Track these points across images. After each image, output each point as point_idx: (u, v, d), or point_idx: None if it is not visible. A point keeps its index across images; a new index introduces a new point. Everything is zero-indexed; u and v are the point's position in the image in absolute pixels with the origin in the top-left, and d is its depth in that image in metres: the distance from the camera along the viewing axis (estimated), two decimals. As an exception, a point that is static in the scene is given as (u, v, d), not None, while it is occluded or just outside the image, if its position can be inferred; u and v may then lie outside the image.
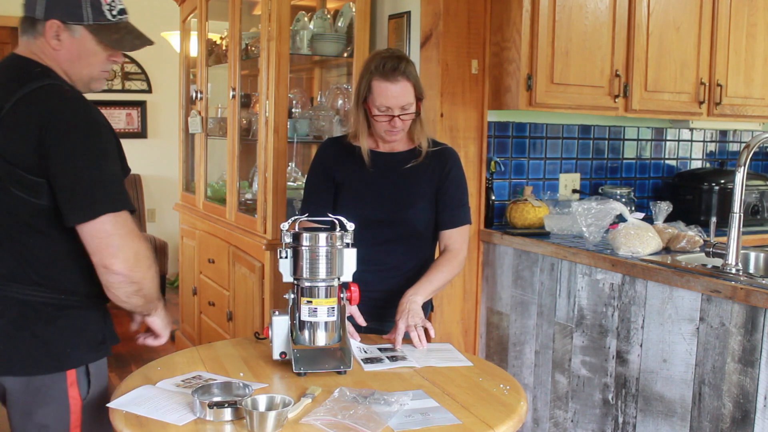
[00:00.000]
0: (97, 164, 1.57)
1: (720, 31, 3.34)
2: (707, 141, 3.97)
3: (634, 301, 2.43)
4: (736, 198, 2.25)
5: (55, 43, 1.64)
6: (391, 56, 2.12)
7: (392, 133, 2.16)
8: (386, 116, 2.13)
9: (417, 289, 2.10)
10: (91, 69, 1.69)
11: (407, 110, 2.13)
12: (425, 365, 1.87)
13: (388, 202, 2.21)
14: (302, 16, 3.69)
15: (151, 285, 1.67)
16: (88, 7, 1.62)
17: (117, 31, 1.67)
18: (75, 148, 1.55)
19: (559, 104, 2.97)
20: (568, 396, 2.71)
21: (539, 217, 3.03)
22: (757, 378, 2.05)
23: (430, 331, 2.05)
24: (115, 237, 1.56)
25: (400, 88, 2.09)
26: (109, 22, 1.65)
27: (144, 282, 1.64)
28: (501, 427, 1.52)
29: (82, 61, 1.67)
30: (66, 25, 1.62)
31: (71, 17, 1.62)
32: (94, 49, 1.66)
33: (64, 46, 1.64)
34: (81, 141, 1.56)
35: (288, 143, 3.43)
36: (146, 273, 1.63)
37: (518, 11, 2.84)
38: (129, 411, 1.52)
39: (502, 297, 3.03)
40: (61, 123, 1.55)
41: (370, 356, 1.92)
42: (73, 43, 1.64)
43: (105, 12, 1.64)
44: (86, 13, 1.62)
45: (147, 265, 1.63)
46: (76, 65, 1.67)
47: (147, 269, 1.63)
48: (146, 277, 1.64)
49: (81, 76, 1.69)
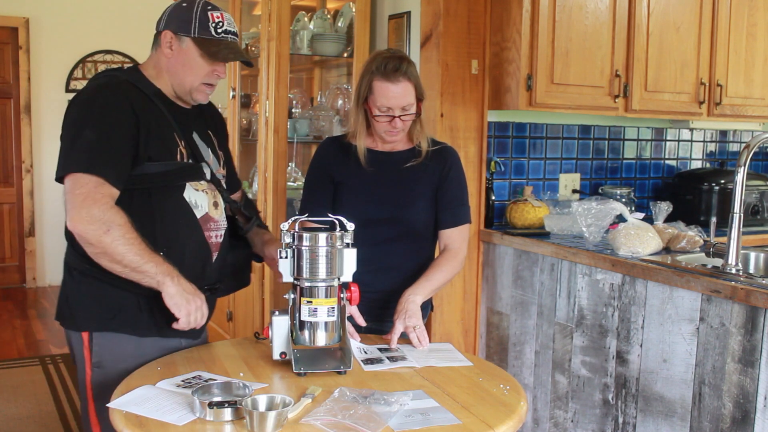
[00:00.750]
0: (78, 131, 1.76)
1: (720, 31, 3.34)
2: (707, 141, 3.97)
3: (634, 301, 2.43)
4: (736, 198, 2.25)
5: (168, 52, 1.89)
6: (392, 57, 2.12)
7: (392, 133, 2.16)
8: (387, 117, 2.12)
9: (416, 289, 2.10)
10: (193, 78, 1.90)
11: (408, 111, 2.13)
12: (425, 365, 1.86)
13: (387, 201, 2.20)
14: (302, 16, 3.69)
15: (123, 252, 1.72)
16: (196, 22, 1.87)
17: (217, 45, 1.89)
18: (67, 117, 1.82)
19: (559, 104, 2.97)
20: (568, 396, 2.71)
21: (539, 217, 3.03)
22: (757, 378, 2.05)
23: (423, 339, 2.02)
24: (70, 195, 1.72)
25: (401, 88, 2.09)
26: (212, 37, 1.88)
27: (107, 247, 1.71)
28: (501, 427, 1.51)
29: (186, 69, 1.89)
30: (177, 35, 1.88)
31: (181, 29, 1.87)
32: (197, 60, 1.88)
33: (174, 54, 1.89)
34: (72, 111, 1.81)
35: (288, 143, 3.43)
36: (103, 237, 1.70)
37: (518, 11, 2.84)
38: (129, 411, 1.52)
39: (502, 297, 3.03)
40: (73, 98, 1.85)
41: (370, 357, 1.92)
42: (181, 52, 1.88)
43: (210, 28, 1.88)
44: (194, 27, 1.87)
45: (104, 230, 1.69)
46: (180, 73, 1.90)
47: (104, 234, 1.69)
48: (104, 242, 1.70)
49: (183, 84, 1.91)
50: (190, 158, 1.92)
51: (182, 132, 1.92)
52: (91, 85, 1.88)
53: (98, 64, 6.94)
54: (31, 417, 3.76)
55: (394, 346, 1.99)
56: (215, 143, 2.07)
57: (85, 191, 1.71)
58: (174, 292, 1.77)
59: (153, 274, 1.75)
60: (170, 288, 1.77)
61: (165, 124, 1.88)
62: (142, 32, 7.24)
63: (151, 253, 1.76)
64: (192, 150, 1.93)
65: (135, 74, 1.92)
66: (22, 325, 5.62)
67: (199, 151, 1.96)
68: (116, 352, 1.89)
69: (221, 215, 2.01)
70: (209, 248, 1.96)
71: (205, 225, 1.94)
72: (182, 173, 1.89)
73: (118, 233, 1.71)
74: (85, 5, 6.80)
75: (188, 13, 1.87)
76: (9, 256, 6.86)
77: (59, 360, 4.70)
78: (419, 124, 2.20)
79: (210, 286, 1.98)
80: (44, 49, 6.73)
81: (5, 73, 6.68)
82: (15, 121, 6.74)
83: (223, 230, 2.02)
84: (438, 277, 2.16)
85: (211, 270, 1.98)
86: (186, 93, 1.93)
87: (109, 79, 1.88)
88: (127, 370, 1.80)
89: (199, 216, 1.92)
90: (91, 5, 6.81)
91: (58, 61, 6.80)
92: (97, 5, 6.83)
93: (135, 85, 1.88)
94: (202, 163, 1.94)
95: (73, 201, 1.71)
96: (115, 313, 1.87)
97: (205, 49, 1.87)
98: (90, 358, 1.90)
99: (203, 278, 1.95)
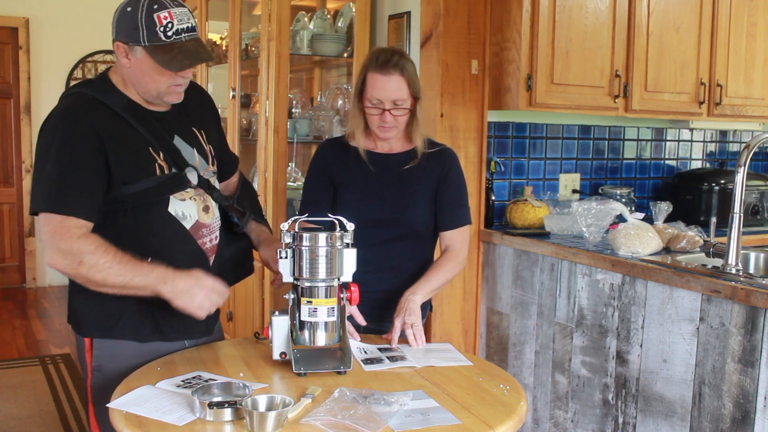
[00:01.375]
0: (42, 165, 1.74)
1: (720, 31, 3.34)
2: (707, 141, 3.97)
3: (634, 302, 2.43)
4: (736, 198, 2.25)
5: (125, 62, 1.79)
6: (387, 50, 2.13)
7: (384, 129, 2.14)
8: (377, 110, 2.11)
9: (416, 289, 2.10)
10: (157, 86, 1.81)
11: (399, 106, 2.11)
12: (425, 365, 1.86)
13: (386, 202, 2.20)
14: (302, 16, 3.69)
15: (103, 278, 1.71)
16: (143, 29, 1.74)
17: (170, 51, 1.76)
18: (36, 145, 1.79)
19: (559, 104, 2.97)
20: (568, 396, 2.71)
21: (539, 217, 3.03)
22: (757, 378, 2.05)
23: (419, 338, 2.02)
24: (42, 233, 1.73)
25: (391, 81, 2.08)
26: (163, 42, 1.75)
27: (86, 276, 1.71)
28: (501, 427, 1.51)
29: (147, 78, 1.79)
30: (128, 45, 1.77)
31: (131, 39, 1.75)
32: (155, 68, 1.77)
33: (132, 65, 1.79)
34: (39, 142, 1.77)
35: (288, 143, 3.43)
36: (78, 269, 1.70)
37: (518, 11, 2.84)
38: (129, 411, 1.52)
39: (502, 297, 3.03)
40: (43, 123, 1.79)
41: (370, 356, 1.91)
42: (137, 62, 1.78)
43: (159, 33, 1.74)
44: (142, 35, 1.74)
45: (77, 262, 1.69)
46: (142, 82, 1.81)
47: (78, 265, 1.70)
48: (81, 273, 1.71)
49: (149, 92, 1.82)
50: (173, 167, 1.85)
51: (159, 142, 1.84)
52: (58, 108, 1.80)
53: (98, 64, 6.94)
54: (31, 417, 3.76)
55: (394, 345, 1.99)
56: (203, 137, 1.98)
57: (52, 228, 1.70)
58: (173, 296, 1.75)
59: (144, 287, 1.73)
60: (168, 294, 1.74)
61: (137, 142, 1.81)
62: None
63: (135, 266, 1.72)
64: (173, 158, 1.85)
65: (104, 86, 1.84)
66: (22, 325, 5.62)
67: (182, 156, 1.88)
68: (116, 356, 1.88)
69: (213, 217, 1.96)
70: (204, 254, 1.93)
71: (197, 233, 1.90)
72: (164, 187, 1.83)
73: (91, 261, 1.69)
74: (85, 5, 6.80)
75: (134, 19, 1.73)
76: (9, 256, 6.86)
77: (59, 360, 4.70)
78: (416, 124, 2.18)
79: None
80: (44, 49, 6.73)
81: (5, 73, 6.69)
82: (15, 121, 6.74)
83: (217, 231, 1.98)
84: (438, 278, 2.16)
85: (210, 272, 1.95)
86: (156, 98, 1.84)
87: (76, 100, 1.80)
88: (127, 373, 1.79)
89: (188, 227, 1.88)
90: (91, 5, 6.81)
91: (58, 61, 6.80)
92: (97, 5, 6.83)
93: (102, 101, 1.80)
94: (186, 170, 1.87)
95: (44, 239, 1.71)
96: (117, 320, 1.87)
97: (158, 57, 1.75)
98: (90, 362, 1.90)
99: None
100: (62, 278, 6.94)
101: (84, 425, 3.69)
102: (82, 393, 4.10)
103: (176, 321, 1.88)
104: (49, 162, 1.72)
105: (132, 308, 1.85)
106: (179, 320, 1.85)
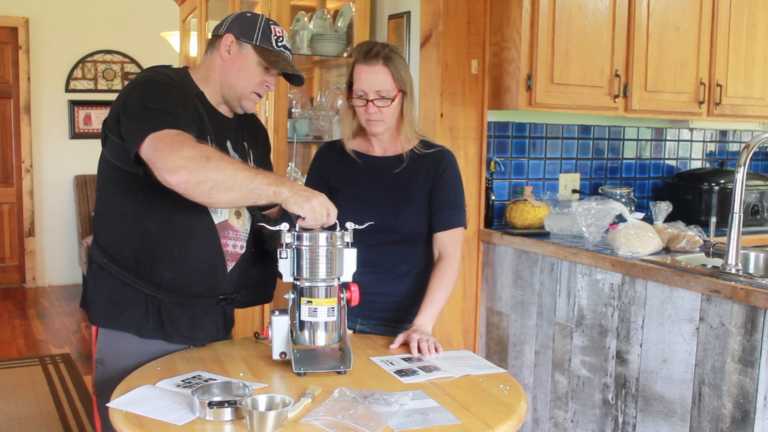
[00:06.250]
0: (143, 105, 1.77)
1: (720, 31, 3.34)
2: (707, 141, 3.97)
3: (634, 301, 2.43)
4: (736, 198, 2.25)
5: (225, 55, 1.93)
6: (371, 42, 2.12)
7: (371, 123, 2.11)
8: (362, 101, 2.10)
9: (423, 319, 2.06)
10: (245, 84, 1.93)
11: (384, 97, 2.07)
12: (462, 375, 1.81)
13: (381, 206, 2.16)
14: (302, 16, 3.69)
15: (231, 170, 1.66)
16: (260, 32, 1.93)
17: (276, 56, 1.94)
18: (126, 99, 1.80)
19: (559, 104, 2.97)
20: (568, 396, 2.71)
21: (539, 217, 3.03)
22: (757, 378, 2.05)
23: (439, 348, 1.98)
24: (155, 153, 1.67)
25: (374, 71, 2.06)
26: (272, 48, 1.94)
27: (214, 174, 1.64)
28: (501, 427, 1.51)
29: (241, 74, 1.93)
30: (238, 40, 1.92)
31: (243, 35, 1.92)
32: (254, 67, 1.93)
33: (232, 58, 1.92)
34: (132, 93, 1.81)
35: (288, 143, 3.43)
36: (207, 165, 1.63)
37: (518, 11, 2.85)
38: (129, 411, 1.52)
39: (502, 297, 3.03)
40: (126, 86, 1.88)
41: (402, 368, 1.84)
42: (239, 56, 1.92)
43: (272, 40, 1.94)
44: (257, 36, 1.92)
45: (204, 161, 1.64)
46: (234, 77, 1.93)
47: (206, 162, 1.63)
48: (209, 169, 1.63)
49: (234, 89, 1.94)
50: None
51: (216, 137, 1.90)
52: (143, 74, 1.91)
53: (98, 64, 6.94)
54: (31, 417, 3.77)
55: (393, 346, 1.98)
56: (250, 156, 2.05)
57: (168, 141, 1.66)
58: (291, 194, 1.69)
59: (267, 185, 1.68)
60: (286, 192, 1.69)
61: (200, 125, 1.86)
62: (142, 32, 7.27)
63: (254, 168, 1.77)
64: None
65: (181, 73, 1.95)
66: (22, 325, 5.62)
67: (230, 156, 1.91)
68: (119, 351, 1.90)
69: (243, 225, 1.98)
70: (224, 256, 1.93)
71: (222, 232, 1.92)
72: None
73: (218, 156, 1.67)
74: (85, 5, 6.80)
75: (252, 23, 1.93)
76: (9, 256, 6.86)
77: (59, 360, 4.70)
78: (404, 121, 2.14)
79: (225, 296, 1.98)
80: (44, 49, 6.73)
81: (5, 73, 6.68)
82: (15, 121, 6.74)
83: (244, 241, 1.99)
84: (440, 298, 2.12)
85: (226, 280, 1.96)
86: (234, 98, 1.95)
87: (162, 68, 1.92)
88: (128, 370, 1.80)
89: (217, 222, 1.91)
90: (91, 5, 6.81)
91: (58, 61, 6.80)
92: (97, 5, 6.83)
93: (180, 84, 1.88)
94: None
95: (160, 155, 1.65)
96: (122, 311, 1.90)
97: (264, 57, 1.91)
98: (94, 354, 1.95)
99: (215, 287, 1.94)
100: (62, 278, 6.96)
101: (84, 425, 3.69)
102: (82, 392, 4.11)
103: (182, 324, 1.91)
104: (149, 101, 1.76)
105: (139, 301, 1.89)
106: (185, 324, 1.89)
